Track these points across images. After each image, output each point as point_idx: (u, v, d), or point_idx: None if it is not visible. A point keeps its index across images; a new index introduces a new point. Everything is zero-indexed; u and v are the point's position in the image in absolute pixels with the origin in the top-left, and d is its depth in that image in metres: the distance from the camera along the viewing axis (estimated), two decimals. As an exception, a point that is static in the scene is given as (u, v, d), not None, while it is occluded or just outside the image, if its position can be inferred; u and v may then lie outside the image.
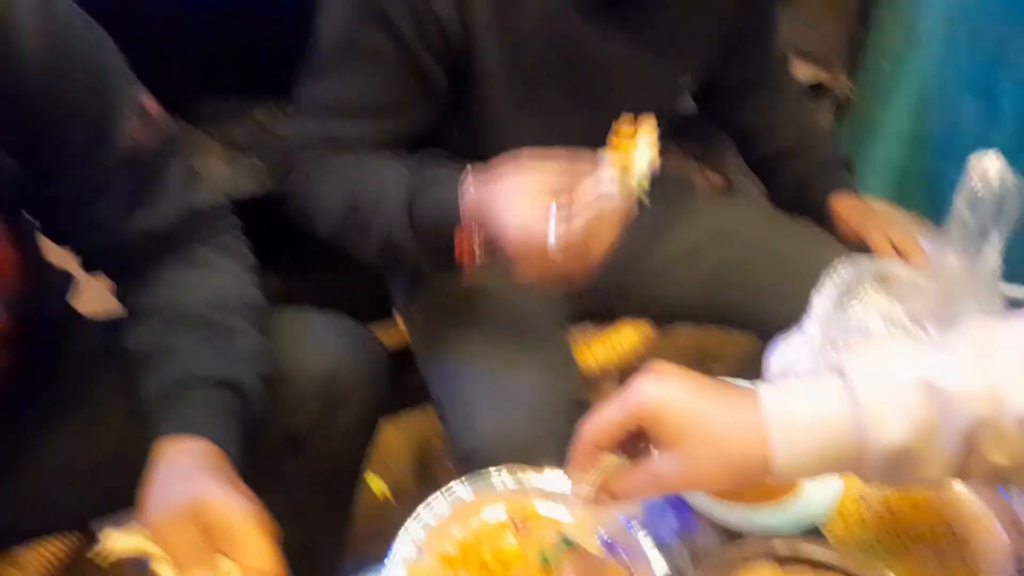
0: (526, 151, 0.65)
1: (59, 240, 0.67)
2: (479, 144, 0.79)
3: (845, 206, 0.94)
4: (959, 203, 0.68)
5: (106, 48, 0.61)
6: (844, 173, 0.97)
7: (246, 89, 1.26)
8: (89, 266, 0.69)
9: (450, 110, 0.79)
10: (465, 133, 0.81)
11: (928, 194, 1.42)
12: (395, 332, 1.04)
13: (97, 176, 0.61)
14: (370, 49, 0.73)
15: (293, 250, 1.01)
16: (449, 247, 0.69)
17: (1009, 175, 0.68)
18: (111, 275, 0.69)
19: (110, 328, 0.69)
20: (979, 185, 0.67)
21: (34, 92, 0.55)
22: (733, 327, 0.95)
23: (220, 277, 0.68)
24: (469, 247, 0.68)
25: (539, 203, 0.60)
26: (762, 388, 0.46)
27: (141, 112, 0.63)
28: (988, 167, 0.67)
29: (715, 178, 1.66)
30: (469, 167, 0.68)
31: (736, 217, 0.98)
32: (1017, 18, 1.23)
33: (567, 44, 0.77)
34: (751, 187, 1.60)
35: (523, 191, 0.61)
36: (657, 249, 0.96)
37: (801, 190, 0.97)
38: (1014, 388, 0.42)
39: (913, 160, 1.46)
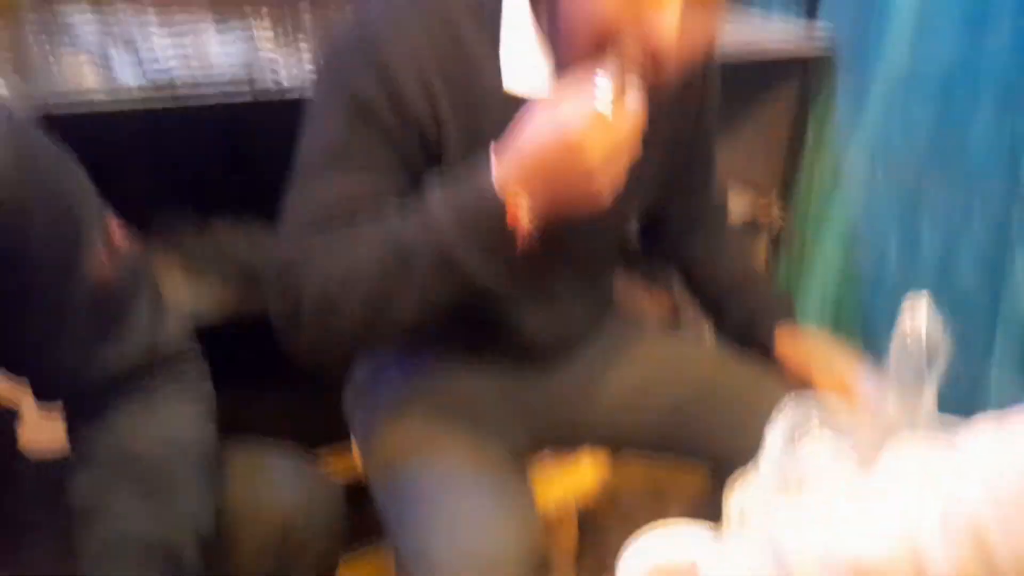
0: None
1: (15, 370, 0.65)
2: None
3: (789, 343, 0.99)
4: (893, 347, 0.73)
5: (76, 178, 0.62)
6: (786, 311, 1.03)
7: (203, 202, 1.27)
8: (42, 397, 0.67)
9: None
10: None
11: (863, 327, 1.50)
12: (348, 459, 1.03)
13: (62, 309, 0.60)
14: (361, 146, 0.72)
15: (247, 373, 1.01)
16: (504, 235, 0.65)
17: (937, 319, 0.73)
18: (65, 406, 0.67)
19: (52, 470, 0.67)
20: (910, 330, 0.72)
21: (1, 221, 0.54)
22: (687, 459, 0.97)
23: (172, 421, 0.67)
24: (522, 217, 0.65)
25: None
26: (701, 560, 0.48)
27: (109, 244, 0.62)
28: (918, 312, 0.72)
29: (663, 303, 1.73)
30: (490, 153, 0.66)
31: (687, 353, 1.02)
32: (934, 157, 1.35)
33: None
34: (696, 311, 1.67)
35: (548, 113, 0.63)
36: (611, 381, 0.99)
37: (747, 327, 1.02)
38: (935, 553, 0.44)
39: (847, 293, 1.55)
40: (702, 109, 0.94)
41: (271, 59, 1.06)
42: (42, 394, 0.66)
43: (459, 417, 0.89)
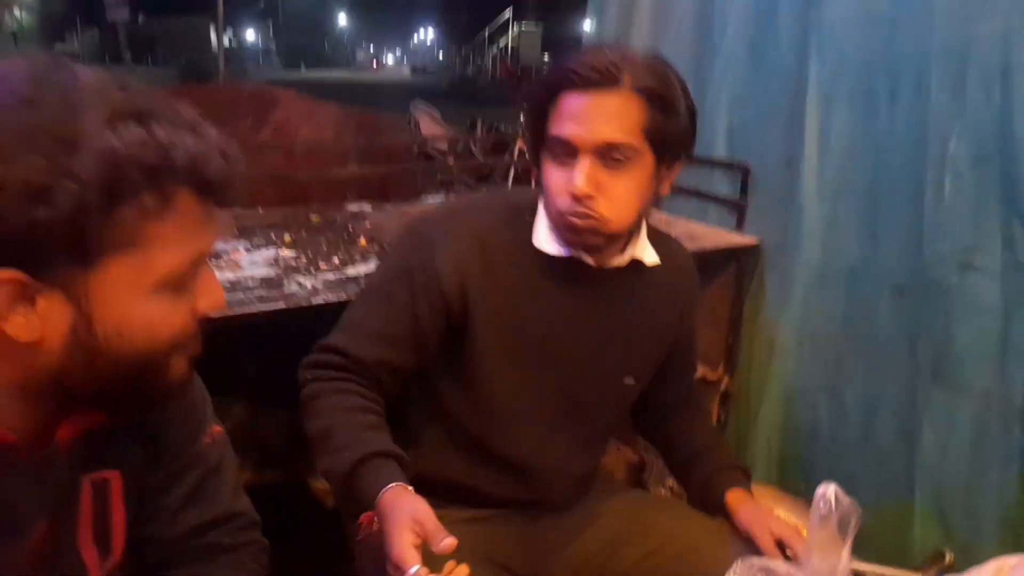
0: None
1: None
2: (470, 391, 1.05)
3: (738, 504, 1.14)
4: (813, 520, 0.93)
5: (199, 383, 0.83)
6: (739, 474, 1.19)
7: (221, 389, 1.44)
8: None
9: (448, 367, 1.05)
10: (459, 384, 1.06)
11: (805, 479, 1.68)
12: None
13: (176, 473, 0.80)
14: (392, 293, 1.02)
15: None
16: (358, 510, 0.93)
17: (846, 499, 0.93)
18: (143, 573, 0.83)
19: None
20: (823, 509, 0.92)
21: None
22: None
23: None
24: (370, 519, 0.91)
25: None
26: None
27: (211, 434, 0.83)
28: (830, 494, 0.93)
29: (630, 456, 1.91)
30: (392, 484, 0.90)
31: (653, 511, 1.19)
32: (849, 336, 1.60)
33: (539, 323, 1.05)
34: (659, 465, 1.85)
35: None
36: (582, 539, 1.15)
37: (705, 488, 1.18)
38: None
39: (788, 446, 1.75)
40: (687, 308, 1.17)
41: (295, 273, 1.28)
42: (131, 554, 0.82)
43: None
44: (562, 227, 0.99)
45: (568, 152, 0.95)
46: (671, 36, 1.99)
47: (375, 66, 53.46)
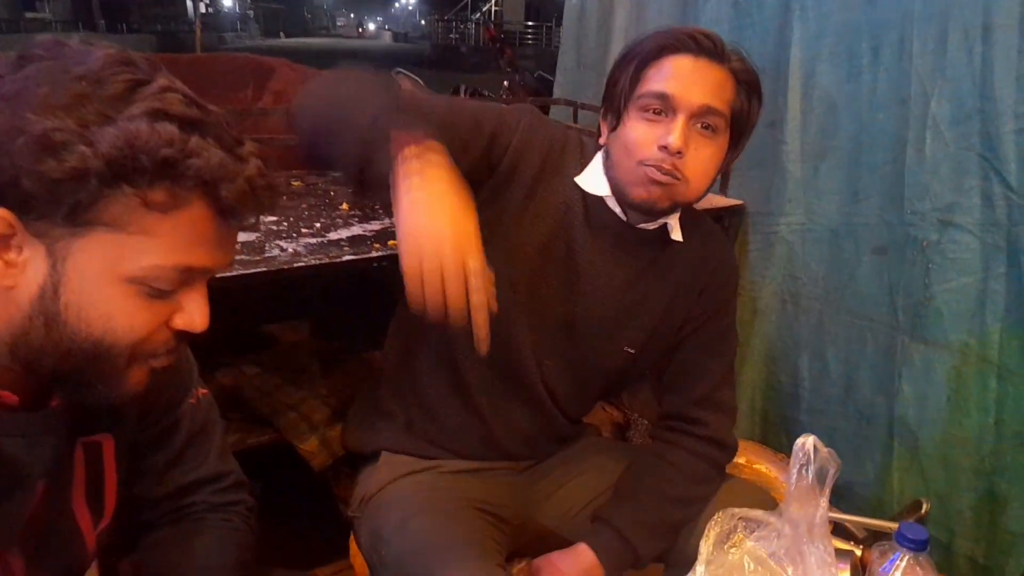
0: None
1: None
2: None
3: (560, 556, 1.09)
4: (791, 472, 0.95)
5: (185, 350, 0.84)
6: (604, 540, 1.08)
7: (207, 353, 1.44)
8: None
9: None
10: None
11: (786, 434, 1.73)
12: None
13: (163, 433, 0.82)
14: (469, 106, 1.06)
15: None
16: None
17: (824, 450, 0.96)
18: (133, 533, 0.85)
19: None
20: (802, 459, 0.94)
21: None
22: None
23: (221, 548, 0.85)
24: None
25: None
26: None
27: (198, 394, 0.85)
28: (809, 446, 0.95)
29: (615, 414, 1.94)
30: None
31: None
32: (831, 295, 1.62)
33: (560, 255, 1.05)
34: (644, 423, 1.88)
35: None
36: (568, 490, 1.18)
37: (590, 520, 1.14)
38: None
39: (771, 406, 1.78)
40: (710, 300, 1.11)
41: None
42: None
43: (459, 523, 1.04)
44: (639, 181, 0.98)
45: (666, 108, 0.96)
46: (655, -3, 1.98)
47: (359, 33, 52.41)
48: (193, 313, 0.64)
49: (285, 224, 1.36)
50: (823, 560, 0.92)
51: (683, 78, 0.97)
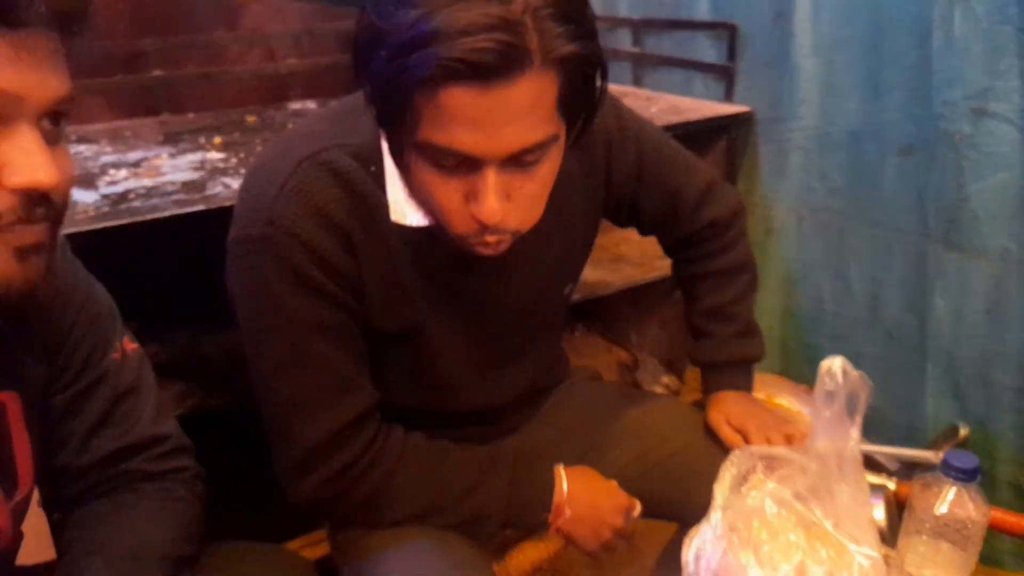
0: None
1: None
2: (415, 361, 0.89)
3: (728, 404, 1.02)
4: (816, 400, 0.82)
5: (103, 292, 0.75)
6: (728, 379, 1.05)
7: (162, 314, 1.32)
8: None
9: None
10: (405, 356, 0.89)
11: (808, 364, 1.61)
12: (315, 550, 1.07)
13: (82, 393, 0.71)
14: (330, 324, 0.79)
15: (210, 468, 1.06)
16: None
17: (853, 372, 0.82)
18: (61, 503, 0.74)
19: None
20: (829, 385, 0.81)
21: (55, 314, 0.69)
22: (655, 514, 1.04)
23: (159, 521, 0.74)
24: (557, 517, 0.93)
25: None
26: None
27: (123, 349, 0.74)
28: (836, 368, 0.82)
29: (621, 355, 1.82)
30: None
31: (650, 411, 1.09)
32: (852, 206, 1.48)
33: (449, 292, 0.86)
34: (653, 362, 1.77)
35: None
36: (577, 441, 1.06)
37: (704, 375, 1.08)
38: None
39: (791, 333, 1.66)
40: (640, 172, 0.95)
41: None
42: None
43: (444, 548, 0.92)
44: (466, 246, 0.76)
45: (462, 162, 0.68)
46: None
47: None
48: (19, 161, 0.51)
49: (234, 160, 1.22)
50: (856, 498, 0.80)
51: (475, 123, 0.65)
